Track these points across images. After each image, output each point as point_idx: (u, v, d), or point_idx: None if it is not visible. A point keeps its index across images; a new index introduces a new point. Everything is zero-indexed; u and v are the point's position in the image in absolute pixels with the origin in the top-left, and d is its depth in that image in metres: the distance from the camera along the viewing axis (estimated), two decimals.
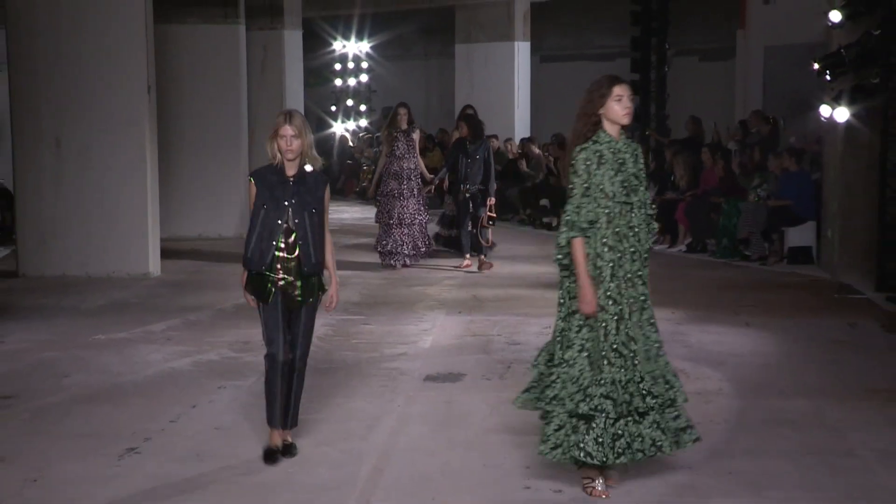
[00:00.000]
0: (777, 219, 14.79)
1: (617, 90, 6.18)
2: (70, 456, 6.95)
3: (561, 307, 6.24)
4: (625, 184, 6.09)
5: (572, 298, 6.14)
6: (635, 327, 6.10)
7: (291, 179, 6.72)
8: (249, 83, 18.86)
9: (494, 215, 14.70)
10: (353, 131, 28.14)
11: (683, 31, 22.89)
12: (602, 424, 6.00)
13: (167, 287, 13.45)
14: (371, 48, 27.81)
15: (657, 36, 20.88)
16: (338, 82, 28.18)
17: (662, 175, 17.60)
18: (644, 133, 20.44)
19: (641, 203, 6.15)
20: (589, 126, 6.19)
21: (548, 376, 6.21)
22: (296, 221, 6.67)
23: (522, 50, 21.96)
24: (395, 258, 14.59)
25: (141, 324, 11.12)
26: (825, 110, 13.46)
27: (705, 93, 22.98)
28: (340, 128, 28.36)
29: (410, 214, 14.50)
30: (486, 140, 14.90)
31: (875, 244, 12.77)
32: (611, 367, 6.02)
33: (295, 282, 6.69)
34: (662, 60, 20.95)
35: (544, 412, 6.28)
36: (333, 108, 28.43)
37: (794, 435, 7.30)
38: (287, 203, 6.67)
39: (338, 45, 27.63)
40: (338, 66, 28.02)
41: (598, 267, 6.05)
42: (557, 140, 20.90)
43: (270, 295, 6.68)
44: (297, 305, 6.75)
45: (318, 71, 27.57)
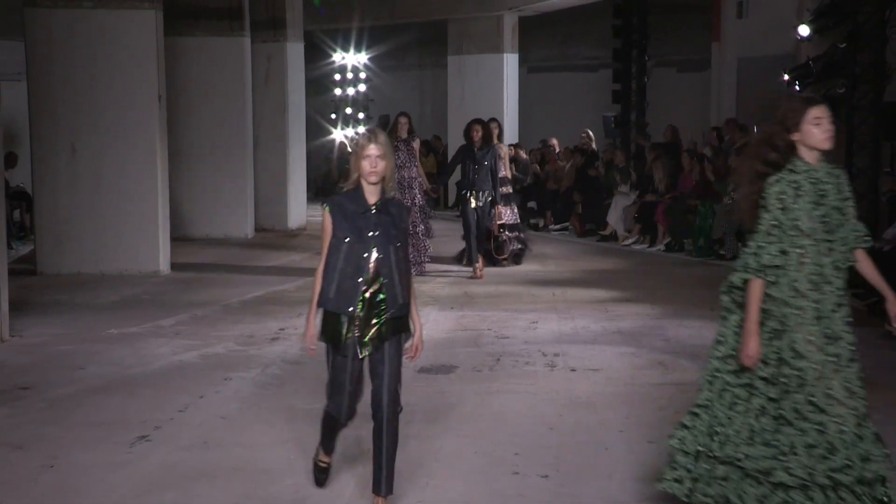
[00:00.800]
0: None
1: (814, 112, 5.09)
2: (83, 444, 6.92)
3: (719, 346, 5.41)
4: (825, 219, 5.04)
5: (737, 341, 5.22)
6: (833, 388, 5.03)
7: (373, 208, 5.54)
8: (254, 92, 18.84)
9: (504, 221, 14.22)
10: (352, 138, 28.11)
11: (662, 44, 22.89)
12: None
13: (176, 284, 13.42)
14: (369, 59, 27.75)
15: (637, 48, 20.91)
16: (337, 91, 28.12)
17: (643, 178, 17.59)
18: (630, 139, 20.47)
19: (844, 240, 5.10)
20: (779, 154, 5.10)
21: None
22: (380, 257, 5.51)
23: (511, 61, 21.93)
24: None
25: (151, 319, 11.09)
26: None
27: (683, 101, 22.97)
28: (340, 134, 28.32)
29: (411, 225, 14.05)
30: (493, 147, 14.09)
31: None
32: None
33: (377, 325, 5.54)
34: (642, 71, 20.97)
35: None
36: (333, 116, 28.37)
37: None
38: (371, 235, 5.51)
39: (337, 57, 27.56)
40: (337, 77, 27.96)
41: (784, 315, 5.04)
42: (543, 144, 20.92)
43: (346, 340, 5.57)
44: (378, 351, 5.56)
45: (319, 81, 27.50)
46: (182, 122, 17.39)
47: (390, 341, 5.56)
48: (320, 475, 6.11)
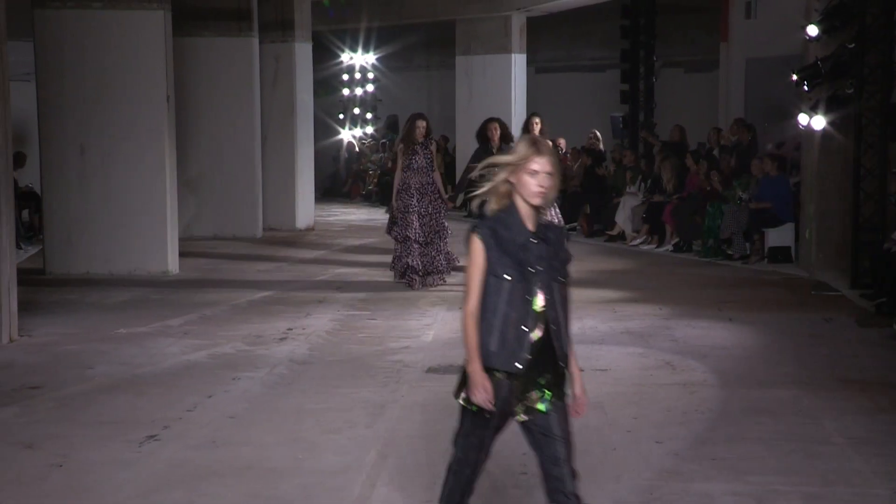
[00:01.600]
0: (758, 220, 14.78)
1: None
2: (92, 442, 6.94)
3: None
4: None
5: None
6: None
7: (534, 237, 4.49)
8: (262, 92, 18.87)
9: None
10: (360, 138, 28.16)
11: (670, 45, 22.88)
12: None
13: (184, 284, 13.44)
14: (377, 60, 27.80)
15: (645, 49, 20.89)
16: (345, 92, 28.18)
17: (652, 178, 17.58)
18: (638, 138, 20.46)
19: None
20: None
21: None
22: (548, 298, 4.52)
23: (519, 61, 21.91)
24: (414, 278, 12.77)
25: (160, 318, 11.12)
26: (803, 119, 13.46)
27: (690, 102, 22.95)
28: (348, 134, 28.38)
29: (429, 232, 12.82)
30: (511, 146, 13.72)
31: (849, 244, 12.77)
32: None
33: (543, 384, 4.59)
34: (650, 72, 20.96)
35: None
36: (341, 116, 28.43)
37: (773, 423, 7.29)
38: (535, 271, 4.48)
39: (345, 57, 27.62)
40: (345, 77, 28.03)
41: None
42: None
43: (511, 405, 4.60)
44: (544, 415, 4.60)
45: (327, 81, 27.55)
46: (190, 123, 17.42)
47: (557, 403, 4.61)
48: None
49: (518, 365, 4.48)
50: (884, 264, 11.14)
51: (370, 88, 28.18)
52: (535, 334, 4.51)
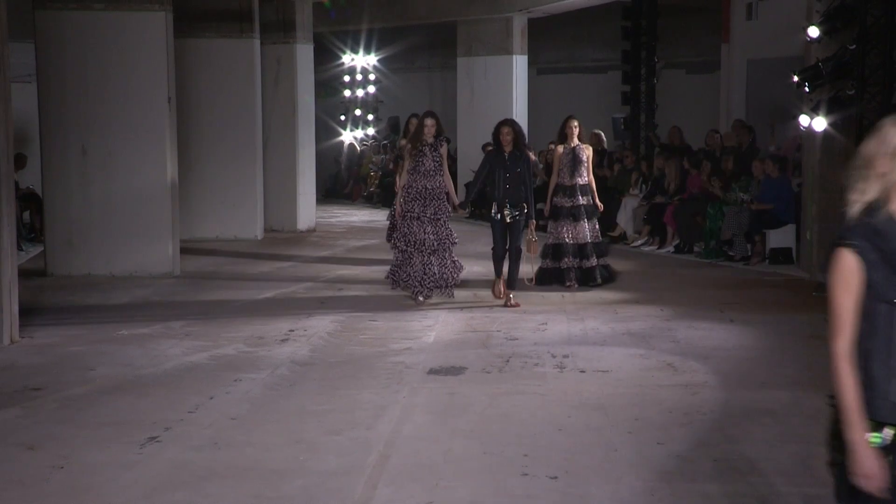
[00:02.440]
0: (759, 221, 14.78)
1: None
2: (95, 444, 6.95)
3: None
4: None
5: None
6: None
7: None
8: (263, 94, 18.88)
9: (536, 239, 12.37)
10: (361, 139, 28.17)
11: (671, 46, 22.87)
12: None
13: (186, 285, 13.45)
14: (378, 61, 27.81)
15: (647, 50, 20.87)
16: (346, 93, 28.19)
17: (654, 179, 17.58)
18: (640, 139, 20.46)
19: None
20: None
21: None
22: None
23: (520, 63, 21.92)
24: (417, 289, 11.86)
25: (161, 320, 11.13)
26: (804, 120, 13.46)
27: (692, 103, 22.95)
28: (349, 136, 28.39)
29: (435, 240, 11.84)
30: (526, 153, 12.24)
31: None
32: None
33: None
34: (652, 73, 20.94)
35: None
36: (342, 118, 28.45)
37: (775, 424, 7.29)
38: None
39: (346, 59, 27.63)
40: (346, 78, 28.04)
41: None
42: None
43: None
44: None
45: (328, 82, 27.57)
46: (192, 124, 17.44)
47: None
48: None
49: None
50: None
51: (371, 90, 28.19)
52: None
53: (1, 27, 10.00)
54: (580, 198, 13.15)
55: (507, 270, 11.97)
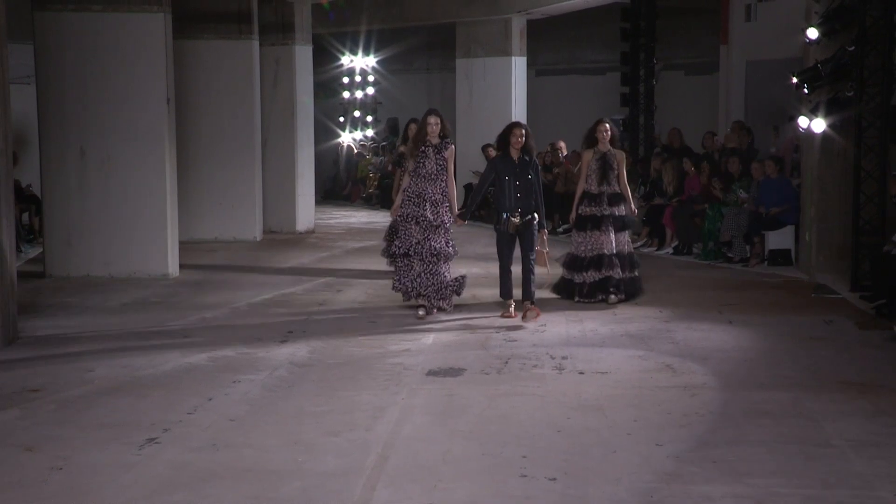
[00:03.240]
0: (758, 223, 14.78)
1: None
2: (93, 445, 6.95)
3: None
4: None
5: None
6: None
7: None
8: (262, 95, 18.89)
9: (548, 251, 11.58)
10: (359, 141, 28.18)
11: (670, 47, 22.90)
12: None
13: (185, 287, 13.45)
14: (377, 62, 27.82)
15: (645, 51, 20.88)
16: (345, 95, 28.21)
17: (652, 181, 17.59)
18: (638, 141, 20.48)
19: None
20: None
21: None
22: None
23: (519, 64, 21.94)
24: (423, 300, 11.22)
25: (160, 321, 11.13)
26: (803, 121, 13.47)
27: (691, 105, 22.98)
28: (348, 137, 28.40)
29: (434, 249, 11.14)
30: (536, 158, 11.55)
31: (849, 247, 12.77)
32: None
33: None
34: (650, 74, 20.96)
35: None
36: (342, 119, 28.46)
37: (774, 425, 7.29)
38: None
39: (345, 60, 27.65)
40: (345, 80, 28.06)
41: None
42: (551, 147, 20.93)
43: None
44: None
45: (327, 84, 27.59)
46: (191, 125, 17.44)
47: None
48: None
49: None
50: (884, 267, 11.16)
51: (370, 91, 28.21)
52: None
53: (0, 28, 10.00)
54: (608, 207, 12.09)
55: (523, 290, 11.16)
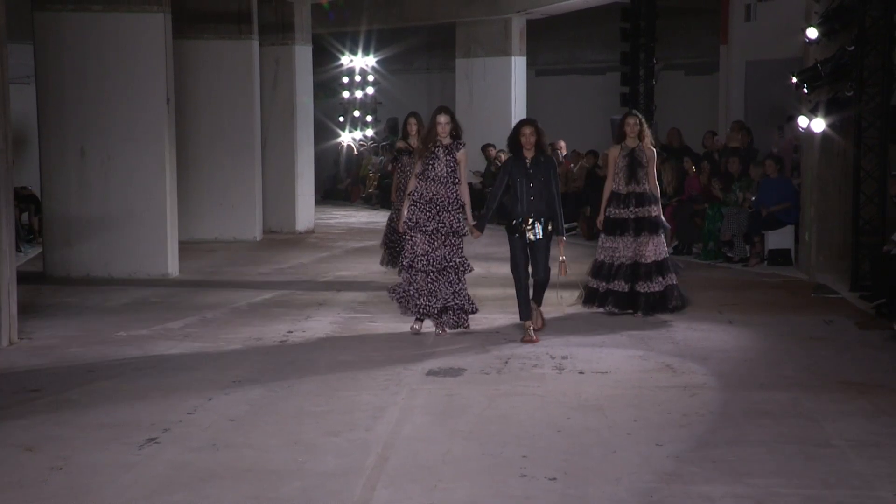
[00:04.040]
0: (758, 223, 14.78)
1: None
2: (93, 445, 6.94)
3: None
4: None
5: None
6: None
7: None
8: (262, 95, 18.90)
9: (565, 259, 10.26)
10: (359, 141, 28.19)
11: (670, 47, 22.88)
12: None
13: (185, 287, 13.45)
14: (377, 62, 27.83)
15: (645, 51, 20.83)
16: (345, 94, 28.22)
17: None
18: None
19: None
20: None
21: None
22: None
23: (519, 64, 21.96)
24: (415, 313, 10.32)
25: (160, 321, 11.12)
26: (803, 121, 13.47)
27: (691, 105, 22.98)
28: (348, 137, 28.41)
29: (443, 258, 10.14)
30: (552, 158, 10.63)
31: (849, 246, 12.78)
32: None
33: None
34: (650, 74, 20.91)
35: None
36: (341, 119, 28.46)
37: (774, 425, 7.29)
38: None
39: (345, 60, 27.66)
40: (345, 80, 28.07)
41: None
42: (551, 147, 20.93)
43: None
44: None
45: (327, 84, 27.60)
46: (191, 125, 17.45)
47: None
48: None
49: None
50: (884, 267, 11.16)
51: (370, 91, 28.22)
52: None
53: (0, 28, 10.00)
54: (637, 208, 11.21)
55: (533, 294, 10.31)
